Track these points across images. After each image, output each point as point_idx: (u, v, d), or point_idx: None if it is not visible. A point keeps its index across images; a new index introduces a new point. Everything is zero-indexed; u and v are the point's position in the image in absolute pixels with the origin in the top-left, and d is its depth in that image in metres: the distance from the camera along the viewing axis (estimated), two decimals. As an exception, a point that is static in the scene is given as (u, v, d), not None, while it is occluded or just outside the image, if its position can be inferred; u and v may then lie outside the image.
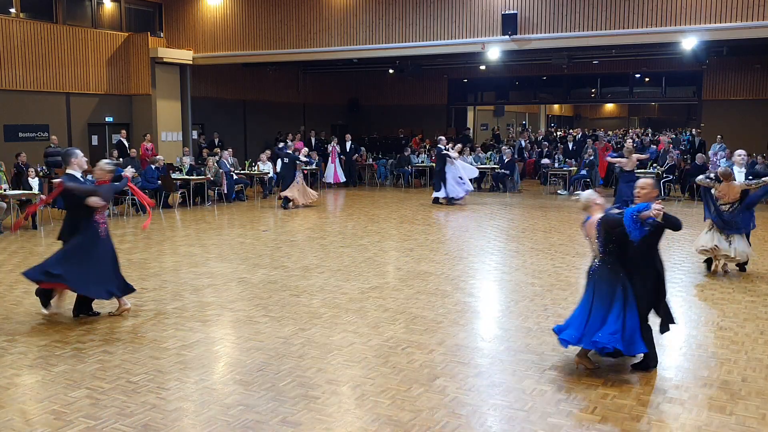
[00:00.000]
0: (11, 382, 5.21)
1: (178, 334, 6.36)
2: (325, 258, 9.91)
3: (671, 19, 14.60)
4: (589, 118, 47.89)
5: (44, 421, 4.52)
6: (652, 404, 4.76)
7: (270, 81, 24.11)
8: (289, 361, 5.62)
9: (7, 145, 16.49)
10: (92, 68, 18.84)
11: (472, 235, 12.16)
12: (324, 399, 4.86)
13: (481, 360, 5.68)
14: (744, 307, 7.22)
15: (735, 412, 4.64)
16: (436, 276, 8.71)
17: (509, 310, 7.23)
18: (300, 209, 15.43)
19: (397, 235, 12.05)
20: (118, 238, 11.77)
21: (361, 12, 17.57)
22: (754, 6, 13.84)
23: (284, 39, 18.56)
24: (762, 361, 5.61)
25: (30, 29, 17.34)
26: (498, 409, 4.70)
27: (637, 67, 23.60)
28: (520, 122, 39.66)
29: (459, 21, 16.54)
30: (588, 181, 18.69)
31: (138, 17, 20.44)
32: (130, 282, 7.22)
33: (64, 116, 18.34)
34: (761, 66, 21.55)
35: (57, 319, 6.85)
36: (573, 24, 15.46)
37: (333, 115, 27.35)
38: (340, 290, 7.99)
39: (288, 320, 6.76)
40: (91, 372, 5.39)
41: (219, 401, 4.84)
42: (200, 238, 11.68)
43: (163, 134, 19.81)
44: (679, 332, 6.55)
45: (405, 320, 6.75)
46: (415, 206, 16.03)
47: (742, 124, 21.08)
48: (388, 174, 21.85)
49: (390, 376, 5.27)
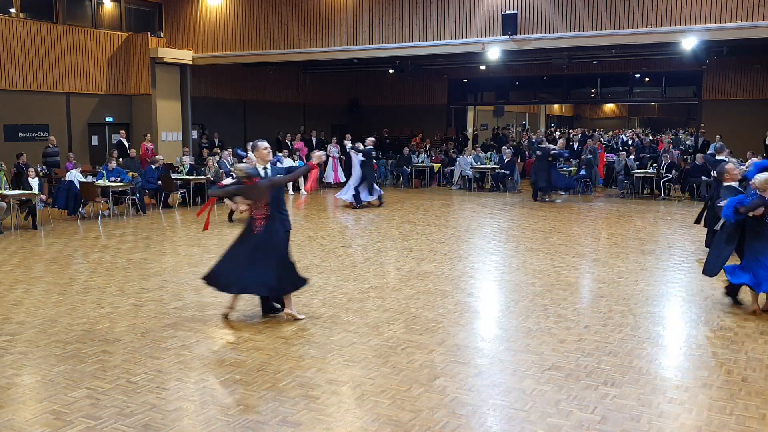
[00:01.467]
0: (11, 382, 5.21)
1: (178, 334, 6.36)
2: (325, 258, 9.91)
3: (671, 19, 14.60)
4: (589, 118, 47.89)
5: (44, 421, 4.52)
6: (652, 404, 4.76)
7: (270, 81, 24.11)
8: (289, 361, 5.62)
9: (7, 145, 16.50)
10: (92, 68, 18.85)
11: (472, 235, 12.16)
12: (324, 399, 4.86)
13: (481, 360, 5.68)
14: (744, 307, 7.21)
15: (735, 412, 4.64)
16: (436, 276, 8.71)
17: (509, 310, 7.23)
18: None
19: (397, 235, 12.05)
20: (118, 238, 11.78)
21: (361, 12, 17.57)
22: (754, 6, 13.85)
23: (284, 39, 18.57)
24: (762, 361, 5.61)
25: (30, 29, 17.34)
26: (498, 409, 4.70)
27: (637, 67, 23.60)
28: (520, 122, 39.66)
29: (459, 21, 16.55)
30: (588, 180, 18.70)
31: (138, 17, 20.45)
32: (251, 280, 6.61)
33: (64, 116, 18.34)
34: (761, 66, 21.55)
35: (57, 319, 6.85)
36: (573, 24, 15.46)
37: (333, 115, 27.35)
38: (340, 290, 7.99)
39: (288, 320, 6.76)
40: (91, 372, 5.39)
41: (219, 401, 4.84)
42: (200, 238, 11.68)
43: (163, 134, 19.82)
44: (679, 332, 6.56)
45: (405, 320, 6.75)
46: (415, 206, 16.03)
47: (742, 124, 21.08)
48: (388, 174, 21.85)
49: (390, 376, 5.27)
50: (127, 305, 7.38)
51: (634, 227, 12.82)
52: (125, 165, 16.43)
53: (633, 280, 8.47)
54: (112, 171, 14.73)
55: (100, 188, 14.13)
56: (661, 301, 7.54)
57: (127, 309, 7.23)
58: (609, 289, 8.03)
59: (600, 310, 7.10)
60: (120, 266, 9.44)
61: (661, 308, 7.27)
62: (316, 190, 19.10)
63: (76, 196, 13.99)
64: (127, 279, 8.65)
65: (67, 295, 7.88)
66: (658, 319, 6.84)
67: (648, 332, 6.37)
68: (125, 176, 14.85)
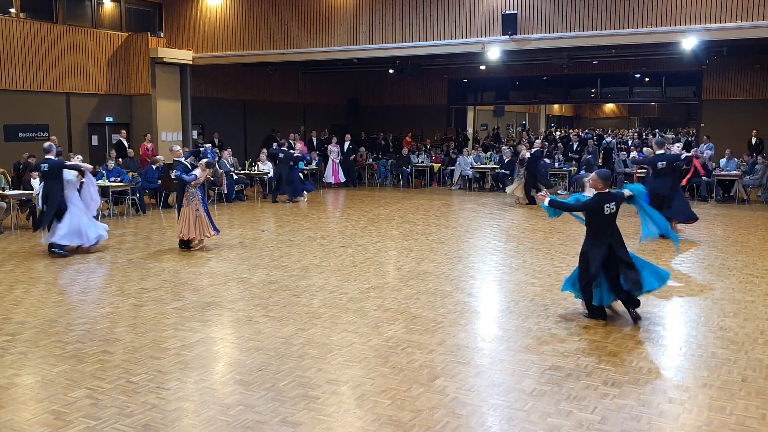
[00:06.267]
0: (11, 382, 5.21)
1: (178, 334, 6.36)
2: (325, 258, 9.91)
3: (671, 19, 14.59)
4: (589, 118, 47.92)
5: (44, 421, 4.52)
6: (652, 404, 4.76)
7: (270, 81, 24.10)
8: (289, 361, 5.62)
9: (7, 145, 16.50)
10: (92, 68, 18.84)
11: (472, 235, 12.16)
12: (324, 399, 4.86)
13: (481, 360, 5.68)
14: (744, 307, 7.22)
15: (735, 412, 4.64)
16: (436, 276, 8.71)
17: (509, 310, 7.23)
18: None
19: (397, 235, 12.05)
20: (118, 238, 11.78)
21: (361, 12, 17.57)
22: (754, 6, 13.84)
23: (284, 39, 18.56)
24: (762, 361, 5.61)
25: (30, 29, 17.34)
26: (498, 409, 4.71)
27: (637, 67, 23.60)
28: (520, 122, 39.67)
29: (459, 21, 16.54)
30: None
31: (138, 17, 20.44)
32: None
33: (64, 116, 18.33)
34: (761, 66, 21.54)
35: (57, 319, 6.85)
36: (573, 24, 15.45)
37: (333, 115, 27.34)
38: (340, 290, 7.99)
39: (288, 320, 6.77)
40: (91, 372, 5.39)
41: (219, 401, 4.84)
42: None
43: (163, 134, 19.80)
44: (679, 332, 6.56)
45: (405, 320, 6.75)
46: (415, 206, 16.03)
47: (742, 124, 21.07)
48: (388, 174, 21.85)
49: (390, 376, 5.27)
50: (127, 305, 7.38)
51: (635, 227, 12.81)
52: (125, 165, 16.42)
53: (633, 280, 8.46)
54: (112, 171, 14.73)
55: (100, 188, 14.10)
56: (660, 301, 7.54)
57: (127, 309, 7.23)
58: (609, 289, 8.01)
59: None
60: (120, 266, 9.45)
61: (661, 308, 7.27)
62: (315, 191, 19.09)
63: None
64: (127, 279, 8.65)
65: (67, 295, 7.89)
66: (658, 319, 6.84)
67: (648, 332, 6.37)
68: (125, 176, 14.85)
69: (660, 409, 4.69)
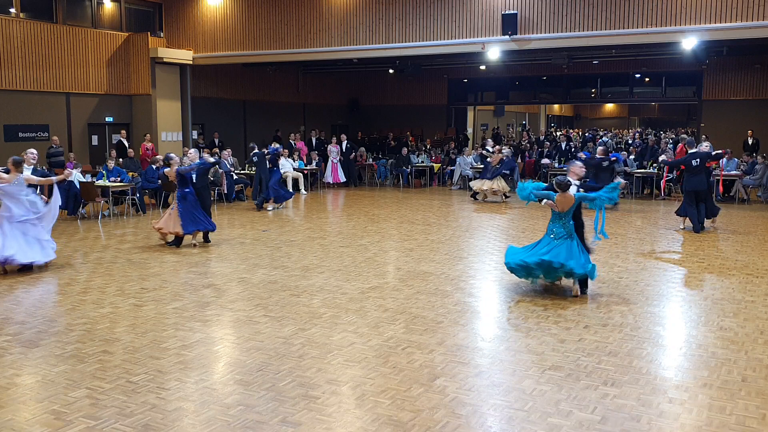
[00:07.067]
0: (11, 382, 5.21)
1: (178, 334, 6.36)
2: (325, 258, 9.91)
3: (671, 19, 14.60)
4: (589, 118, 47.93)
5: (44, 421, 4.52)
6: (652, 404, 4.76)
7: (270, 81, 24.11)
8: (289, 361, 5.62)
9: (7, 145, 16.49)
10: (92, 68, 18.84)
11: (472, 235, 12.16)
12: (324, 399, 4.86)
13: (481, 360, 5.68)
14: (744, 307, 7.22)
15: (735, 412, 4.64)
16: (436, 276, 8.71)
17: (509, 310, 7.23)
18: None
19: (397, 235, 12.05)
20: (118, 238, 11.78)
21: (361, 12, 17.57)
22: (754, 6, 13.84)
23: (284, 39, 18.56)
24: (762, 361, 5.61)
25: (30, 29, 17.34)
26: (498, 409, 4.70)
27: (637, 67, 23.61)
28: (520, 122, 39.67)
29: (459, 21, 16.54)
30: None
31: (138, 17, 20.44)
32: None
33: (64, 116, 18.34)
34: (761, 66, 21.55)
35: (57, 319, 6.85)
36: (573, 24, 15.46)
37: (333, 115, 27.35)
38: (340, 290, 7.99)
39: (288, 320, 6.77)
40: (91, 372, 5.39)
41: (219, 401, 4.84)
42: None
43: (163, 134, 19.81)
44: (679, 332, 6.56)
45: (405, 320, 6.75)
46: (415, 206, 16.03)
47: (742, 124, 21.08)
48: (388, 174, 21.85)
49: (390, 376, 5.27)
50: (127, 305, 7.38)
51: (634, 227, 12.82)
52: (125, 165, 16.43)
53: (633, 280, 8.47)
54: (112, 171, 14.73)
55: (100, 188, 14.13)
56: (661, 301, 7.54)
57: (127, 309, 7.23)
58: (609, 289, 8.03)
59: (600, 310, 7.10)
60: (120, 266, 9.45)
61: (661, 308, 7.27)
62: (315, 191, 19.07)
63: (76, 196, 13.99)
64: (127, 279, 8.65)
65: (67, 295, 7.88)
66: (658, 319, 6.84)
67: (648, 332, 6.37)
68: (125, 176, 14.85)
69: (660, 409, 4.69)
